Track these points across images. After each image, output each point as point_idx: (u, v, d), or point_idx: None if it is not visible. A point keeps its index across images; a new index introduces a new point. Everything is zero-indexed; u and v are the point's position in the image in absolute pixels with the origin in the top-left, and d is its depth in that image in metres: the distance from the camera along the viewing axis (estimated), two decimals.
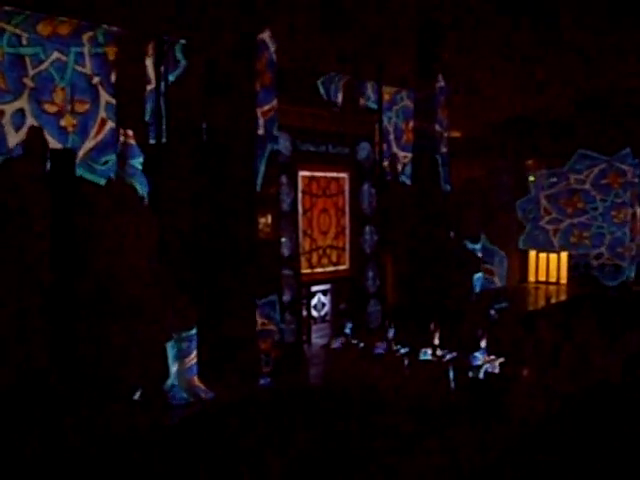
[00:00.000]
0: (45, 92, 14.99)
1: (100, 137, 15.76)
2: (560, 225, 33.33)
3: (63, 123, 15.14)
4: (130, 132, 15.33)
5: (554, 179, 33.02)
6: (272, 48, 17.13)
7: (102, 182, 15.76)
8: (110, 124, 15.97)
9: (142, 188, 15.57)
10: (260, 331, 17.06)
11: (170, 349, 15.27)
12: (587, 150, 32.19)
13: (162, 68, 16.52)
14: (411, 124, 25.31)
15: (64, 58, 15.15)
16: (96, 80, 15.71)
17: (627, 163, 32.16)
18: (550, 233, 33.53)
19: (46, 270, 14.24)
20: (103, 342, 14.65)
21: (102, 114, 15.83)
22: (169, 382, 15.26)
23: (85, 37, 15.55)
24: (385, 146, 24.56)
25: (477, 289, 25.19)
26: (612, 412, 15.14)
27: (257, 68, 16.86)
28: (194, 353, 15.86)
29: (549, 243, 33.52)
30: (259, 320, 17.02)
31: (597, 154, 32.17)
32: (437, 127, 24.18)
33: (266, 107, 17.15)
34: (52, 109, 14.96)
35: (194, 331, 15.82)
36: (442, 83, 23.99)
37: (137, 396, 14.74)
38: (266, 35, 16.99)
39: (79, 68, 15.45)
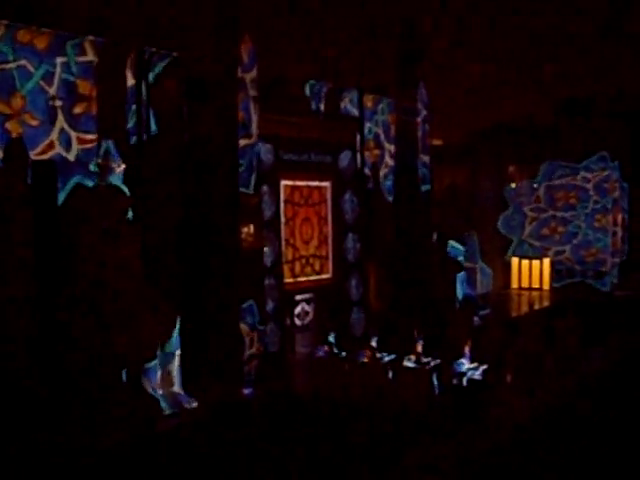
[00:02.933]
0: (1, 91, 14.44)
1: (42, 158, 15.05)
2: (541, 215, 33.32)
3: (8, 126, 14.57)
4: (110, 141, 15.18)
5: (565, 171, 32.97)
6: (251, 92, 17.12)
7: None
8: (58, 150, 15.27)
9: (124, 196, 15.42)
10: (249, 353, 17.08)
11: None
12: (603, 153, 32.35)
13: (142, 82, 16.39)
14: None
15: (31, 69, 14.81)
16: (58, 103, 15.24)
17: (615, 178, 32.36)
18: (527, 221, 33.51)
19: (29, 278, 14.19)
20: (88, 347, 14.60)
21: (53, 137, 15.15)
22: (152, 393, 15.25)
23: (59, 60, 15.14)
24: (378, 152, 24.38)
25: (460, 296, 25.24)
26: (595, 418, 15.26)
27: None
28: (177, 362, 15.83)
29: (520, 230, 33.54)
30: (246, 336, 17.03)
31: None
32: (422, 157, 23.74)
33: None
34: (3, 109, 14.42)
35: (177, 339, 15.81)
36: (425, 112, 23.66)
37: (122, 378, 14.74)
38: (248, 76, 16.99)
39: (45, 85, 15.08)
